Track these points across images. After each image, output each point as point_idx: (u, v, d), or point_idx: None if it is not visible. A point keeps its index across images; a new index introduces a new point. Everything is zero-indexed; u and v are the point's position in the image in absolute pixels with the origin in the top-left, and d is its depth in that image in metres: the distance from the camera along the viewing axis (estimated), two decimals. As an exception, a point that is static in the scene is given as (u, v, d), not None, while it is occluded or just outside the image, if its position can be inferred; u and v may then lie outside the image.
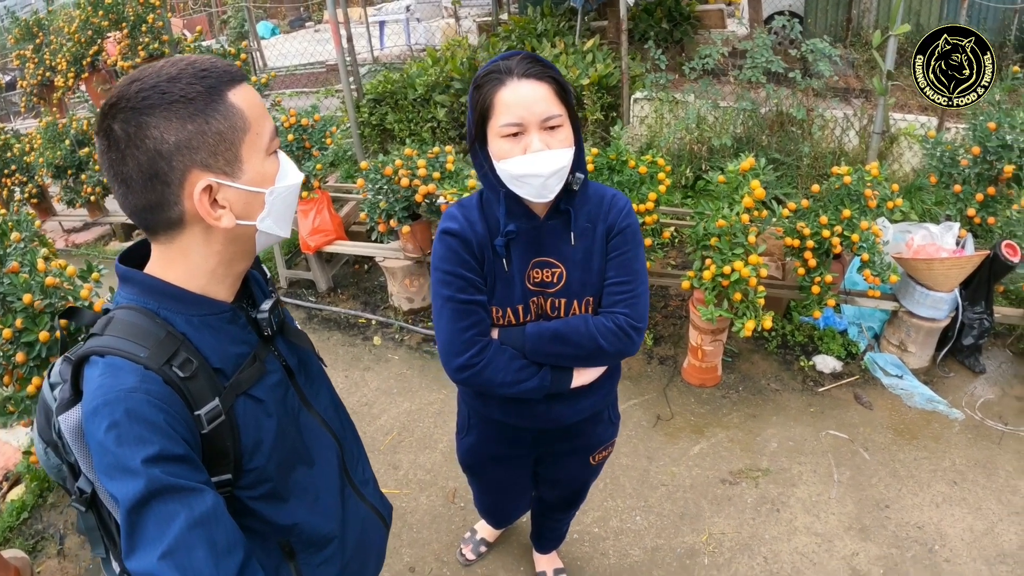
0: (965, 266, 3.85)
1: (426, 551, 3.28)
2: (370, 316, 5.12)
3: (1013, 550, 3.20)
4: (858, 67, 7.04)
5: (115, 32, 6.65)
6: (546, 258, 1.89)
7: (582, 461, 2.37)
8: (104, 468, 1.09)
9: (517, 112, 1.66)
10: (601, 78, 6.45)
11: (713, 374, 4.21)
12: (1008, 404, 4.03)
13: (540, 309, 1.94)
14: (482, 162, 1.81)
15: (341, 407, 1.65)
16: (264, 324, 1.36)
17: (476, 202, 1.91)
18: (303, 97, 9.30)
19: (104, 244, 6.95)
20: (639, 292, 1.92)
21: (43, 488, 3.68)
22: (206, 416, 1.19)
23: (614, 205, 1.91)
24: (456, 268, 1.84)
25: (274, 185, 1.25)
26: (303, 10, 14.64)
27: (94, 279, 3.16)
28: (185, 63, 1.15)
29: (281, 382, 1.39)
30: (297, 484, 1.40)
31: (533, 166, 1.68)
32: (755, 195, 3.62)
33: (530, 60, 1.69)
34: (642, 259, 1.95)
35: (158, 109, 1.11)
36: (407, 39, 11.12)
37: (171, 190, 1.15)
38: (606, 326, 1.88)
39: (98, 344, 1.18)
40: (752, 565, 3.14)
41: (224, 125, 1.16)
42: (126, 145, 1.12)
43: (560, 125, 1.70)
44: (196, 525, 1.07)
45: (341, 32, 6.05)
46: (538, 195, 1.74)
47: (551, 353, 1.90)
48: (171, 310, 1.23)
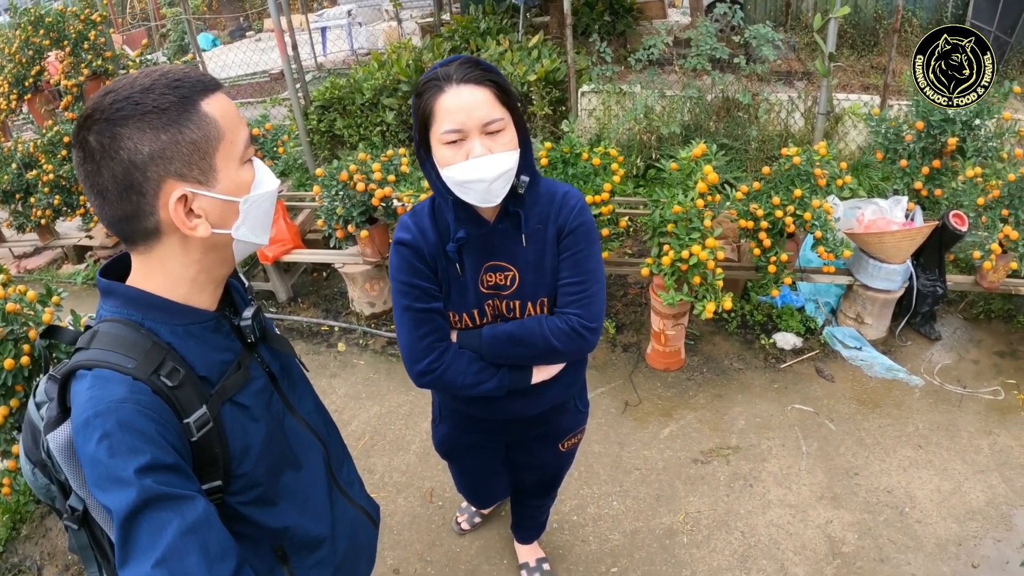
0: (915, 238, 3.95)
1: (409, 552, 3.28)
2: (333, 323, 5.09)
3: (981, 506, 3.30)
4: (799, 50, 7.17)
5: (57, 51, 6.52)
6: (498, 262, 1.91)
7: (552, 448, 2.42)
8: (96, 480, 1.09)
9: (457, 118, 1.65)
10: (548, 73, 6.49)
11: (677, 358, 4.27)
12: (965, 368, 4.15)
13: (496, 311, 1.97)
14: (430, 169, 1.81)
15: (324, 410, 1.67)
16: (247, 331, 1.37)
17: (428, 209, 1.92)
18: (249, 108, 9.21)
19: (57, 268, 6.80)
20: (593, 292, 1.92)
21: (16, 520, 3.60)
22: (195, 424, 1.20)
23: (565, 204, 1.91)
24: (411, 278, 1.87)
25: (249, 194, 1.25)
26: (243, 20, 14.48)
27: (54, 303, 3.11)
28: (158, 74, 1.16)
29: (265, 388, 1.40)
30: (286, 488, 1.41)
31: (476, 171, 1.67)
32: (708, 180, 3.68)
33: (469, 65, 1.69)
34: (597, 257, 1.95)
35: (132, 120, 1.11)
36: (350, 44, 11.07)
37: (146, 200, 1.15)
38: (559, 327, 1.90)
39: (85, 358, 1.18)
40: (730, 540, 3.20)
41: (198, 135, 1.16)
42: (101, 156, 1.12)
43: (502, 129, 1.69)
44: (188, 532, 1.07)
45: (286, 39, 6.00)
46: (484, 200, 1.74)
47: (507, 355, 1.95)
48: (155, 320, 1.23)
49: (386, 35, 11.42)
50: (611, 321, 4.69)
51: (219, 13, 14.61)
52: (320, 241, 5.54)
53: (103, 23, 6.63)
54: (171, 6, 13.89)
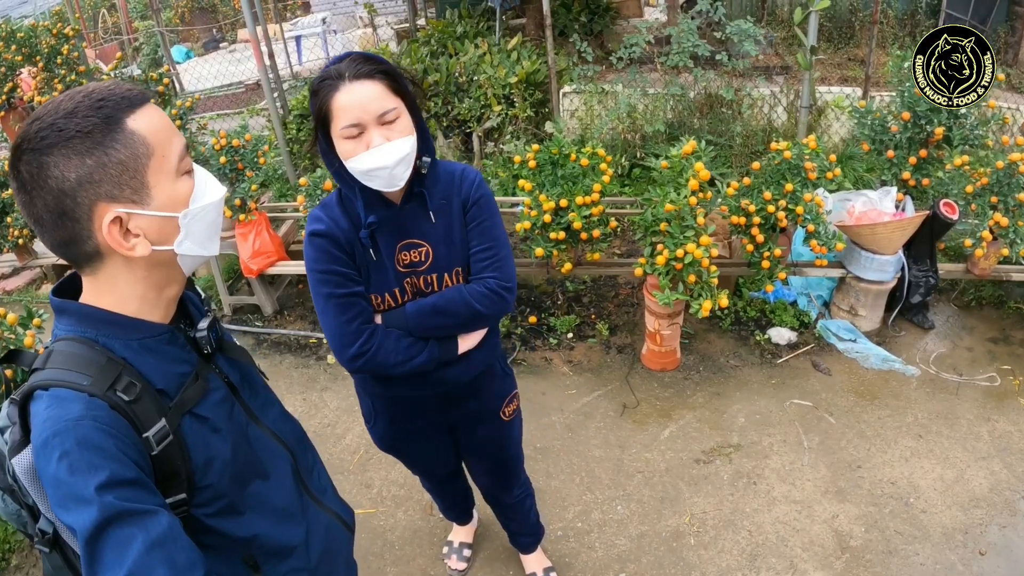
0: (907, 228, 3.95)
1: (412, 567, 3.23)
2: (321, 335, 5.02)
3: (985, 493, 3.30)
4: (777, 45, 7.19)
5: (29, 67, 6.44)
6: (411, 240, 2.01)
7: (494, 420, 2.45)
8: (59, 500, 1.10)
9: (354, 113, 1.76)
10: (528, 75, 6.46)
11: (673, 357, 4.24)
12: (960, 355, 4.16)
13: (415, 288, 2.06)
14: (333, 161, 1.90)
15: (291, 419, 1.67)
16: (203, 342, 1.38)
17: (336, 200, 2.00)
18: (225, 119, 9.10)
19: (36, 288, 6.69)
20: (503, 255, 2.06)
21: (5, 550, 3.52)
22: (154, 437, 1.21)
23: (465, 178, 2.06)
24: (330, 266, 1.94)
25: (188, 207, 1.25)
26: (216, 31, 14.36)
27: (36, 325, 3.06)
28: (82, 95, 1.15)
29: (226, 398, 1.41)
30: (252, 497, 1.42)
31: (378, 160, 1.78)
32: (700, 177, 3.66)
33: (360, 60, 1.79)
34: (500, 225, 2.09)
35: (56, 148, 1.11)
36: (325, 52, 10.99)
37: (81, 225, 1.16)
38: (479, 291, 2.03)
39: (40, 378, 1.19)
40: (738, 539, 3.18)
41: (125, 154, 1.15)
42: (32, 187, 1.13)
43: (397, 117, 1.80)
44: (154, 547, 1.09)
45: (263, 49, 5.94)
46: (389, 185, 1.86)
47: (433, 326, 2.04)
48: (109, 336, 1.24)
49: (361, 42, 11.35)
50: (604, 322, 4.66)
51: (192, 25, 14.49)
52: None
53: (75, 38, 6.53)
54: (144, 19, 13.76)
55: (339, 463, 3.84)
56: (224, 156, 4.88)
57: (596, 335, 4.61)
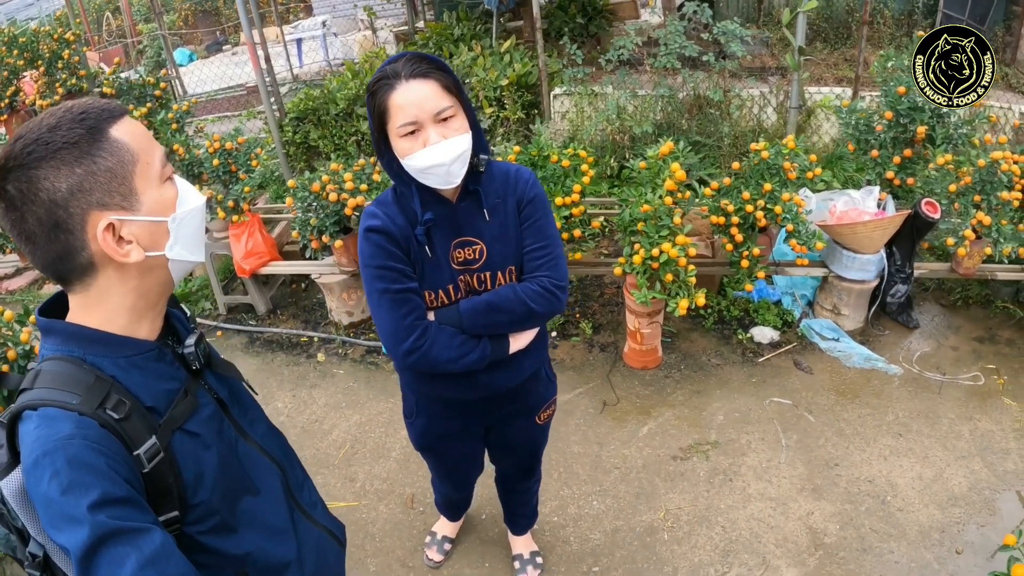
0: (888, 227, 3.96)
1: (391, 558, 3.27)
2: (312, 334, 5.07)
3: (963, 492, 3.31)
4: (772, 46, 7.19)
5: (31, 71, 6.51)
6: (465, 237, 2.02)
7: (529, 422, 2.49)
8: (51, 520, 1.09)
9: (411, 112, 1.78)
10: (520, 77, 6.49)
11: (654, 356, 4.27)
12: (944, 355, 4.16)
13: (468, 286, 2.07)
14: (390, 161, 1.93)
15: (279, 434, 1.67)
16: (191, 358, 1.38)
17: (391, 197, 2.02)
18: (226, 121, 9.17)
19: (38, 288, 6.76)
20: (557, 254, 2.08)
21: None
22: (145, 455, 1.21)
23: (519, 178, 2.07)
24: (386, 261, 1.95)
25: (175, 212, 1.27)
26: (219, 34, 14.43)
27: (32, 323, 3.10)
28: (63, 111, 1.17)
29: (215, 415, 1.40)
30: (244, 514, 1.41)
31: (435, 157, 1.81)
32: (676, 177, 3.68)
33: (416, 60, 1.81)
34: (553, 224, 2.11)
35: (45, 160, 1.12)
36: (325, 55, 11.04)
37: (75, 236, 1.16)
38: (533, 290, 2.04)
39: (29, 398, 1.18)
40: (711, 535, 3.20)
41: (112, 161, 1.17)
42: (22, 203, 1.14)
43: (453, 115, 1.83)
44: (148, 565, 1.08)
45: (259, 53, 5.99)
46: (445, 182, 1.88)
47: (487, 323, 2.04)
48: (97, 354, 1.24)
49: (361, 45, 11.39)
50: (588, 321, 4.69)
51: (195, 28, 14.56)
52: (297, 253, 5.52)
53: (76, 42, 6.60)
54: (147, 22, 13.85)
55: (325, 457, 3.88)
56: (217, 159, 4.93)
57: (580, 334, 4.63)
